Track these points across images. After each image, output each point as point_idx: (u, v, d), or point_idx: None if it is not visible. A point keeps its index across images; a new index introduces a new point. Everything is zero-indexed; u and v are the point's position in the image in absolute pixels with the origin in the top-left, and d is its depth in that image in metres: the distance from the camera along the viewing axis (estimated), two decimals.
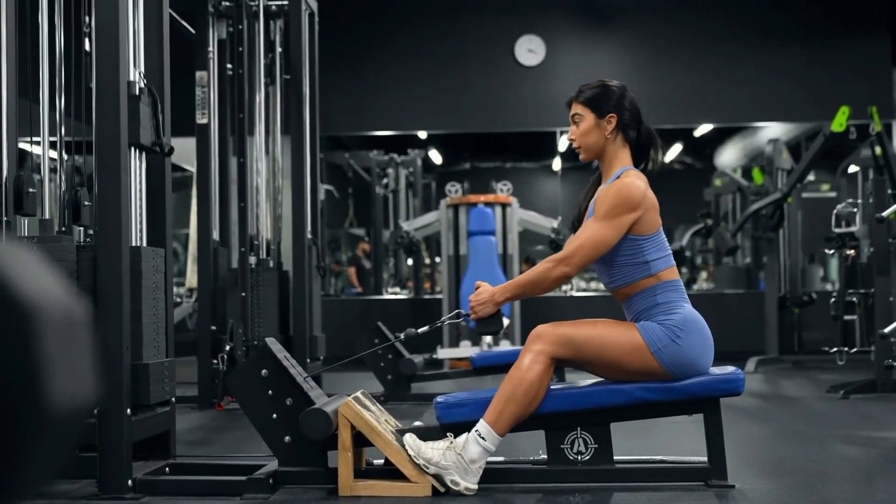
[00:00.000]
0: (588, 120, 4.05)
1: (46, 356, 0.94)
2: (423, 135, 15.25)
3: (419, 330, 4.30)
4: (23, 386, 0.94)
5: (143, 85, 4.55)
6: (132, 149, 4.47)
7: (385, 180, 15.42)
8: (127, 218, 4.33)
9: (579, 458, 3.99)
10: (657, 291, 3.88)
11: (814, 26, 13.12)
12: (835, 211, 9.11)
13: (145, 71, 4.63)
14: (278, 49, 8.31)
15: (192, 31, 8.08)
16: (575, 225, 4.15)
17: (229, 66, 8.13)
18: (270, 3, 8.12)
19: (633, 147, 4.09)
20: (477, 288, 4.03)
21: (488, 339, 9.79)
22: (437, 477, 3.86)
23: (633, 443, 5.36)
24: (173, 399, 4.72)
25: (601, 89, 4.07)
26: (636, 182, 3.92)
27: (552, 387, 3.93)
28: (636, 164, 4.11)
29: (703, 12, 13.25)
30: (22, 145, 4.66)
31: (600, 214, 3.87)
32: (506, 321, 4.14)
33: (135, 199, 4.51)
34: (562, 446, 4.00)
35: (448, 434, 3.95)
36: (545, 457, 4.05)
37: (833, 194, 13.65)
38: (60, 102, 4.67)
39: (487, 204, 11.13)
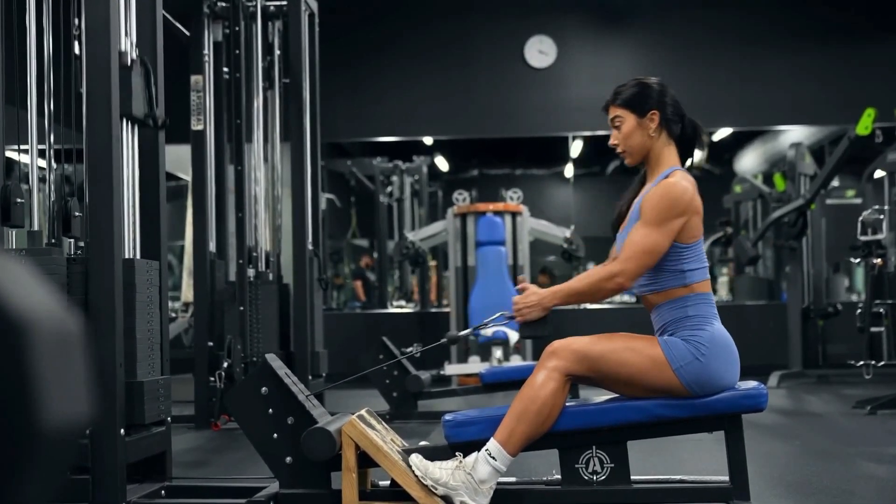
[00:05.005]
0: (629, 121, 4.00)
1: (38, 374, 0.94)
2: (428, 141, 15.27)
3: (461, 333, 4.32)
4: (13, 405, 0.93)
5: (134, 56, 4.55)
6: (124, 120, 4.48)
7: (389, 188, 15.42)
8: (119, 229, 4.34)
9: (595, 478, 3.97)
10: (689, 303, 3.85)
11: (837, 26, 13.12)
12: (860, 218, 9.11)
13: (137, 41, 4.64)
14: (277, 52, 8.32)
15: (187, 33, 8.10)
16: (615, 226, 4.12)
17: (226, 69, 8.14)
18: (268, 3, 8.13)
19: (679, 142, 4.06)
20: (523, 290, 4.00)
21: (498, 354, 9.78)
22: (446, 498, 3.85)
23: (652, 462, 5.35)
24: (169, 418, 4.72)
25: (639, 87, 4.03)
26: (682, 183, 3.88)
27: (566, 403, 3.92)
28: (684, 159, 4.09)
29: (720, 12, 13.25)
30: (9, 153, 4.67)
31: (648, 219, 3.82)
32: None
33: (127, 202, 4.51)
34: (576, 466, 3.98)
35: (457, 453, 3.94)
36: (559, 477, 4.04)
37: (858, 200, 13.65)
38: (49, 108, 4.68)
39: (497, 213, 11.12)
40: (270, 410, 4.09)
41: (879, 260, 8.97)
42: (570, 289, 3.91)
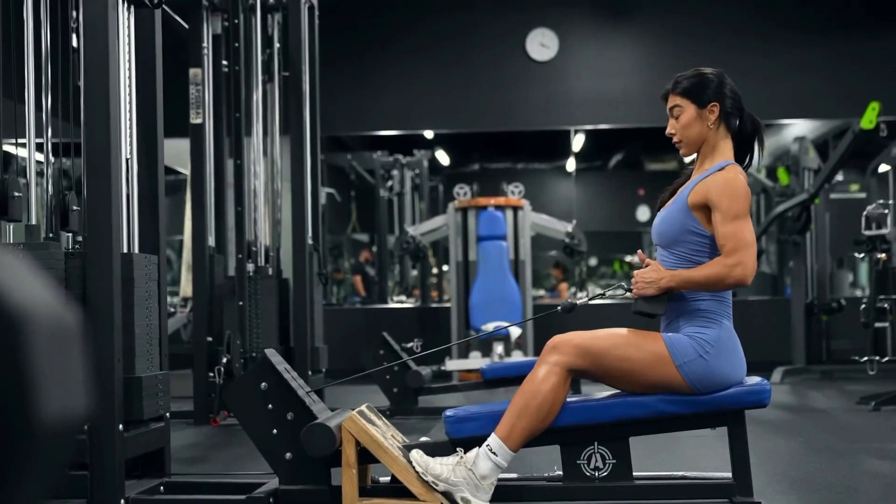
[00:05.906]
0: (689, 111, 3.97)
1: (35, 368, 0.94)
2: (429, 134, 15.25)
3: (577, 301, 4.26)
4: (10, 400, 0.93)
5: None
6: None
7: (389, 183, 15.40)
8: (118, 223, 4.33)
9: (596, 474, 3.97)
10: (703, 297, 3.84)
11: (841, 19, 13.10)
12: (865, 212, 9.10)
13: None
14: (276, 44, 8.31)
15: (185, 25, 8.08)
16: (658, 211, 4.10)
17: (225, 62, 8.14)
18: None
19: (736, 137, 4.04)
20: (647, 265, 3.95)
21: (499, 349, 9.78)
22: (447, 494, 3.85)
23: (654, 458, 5.35)
24: (168, 414, 4.72)
25: (699, 77, 4.01)
26: (741, 178, 3.88)
27: (567, 399, 3.92)
28: (740, 156, 4.06)
29: (722, 5, 13.23)
30: (6, 147, 4.67)
31: (734, 213, 3.79)
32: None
33: (125, 196, 4.51)
34: (578, 462, 3.98)
35: (458, 449, 3.94)
36: (560, 473, 4.03)
37: (863, 195, 13.63)
38: (47, 102, 4.67)
39: (498, 207, 11.12)
40: (270, 406, 4.09)
41: (884, 255, 8.96)
42: (688, 276, 3.83)
